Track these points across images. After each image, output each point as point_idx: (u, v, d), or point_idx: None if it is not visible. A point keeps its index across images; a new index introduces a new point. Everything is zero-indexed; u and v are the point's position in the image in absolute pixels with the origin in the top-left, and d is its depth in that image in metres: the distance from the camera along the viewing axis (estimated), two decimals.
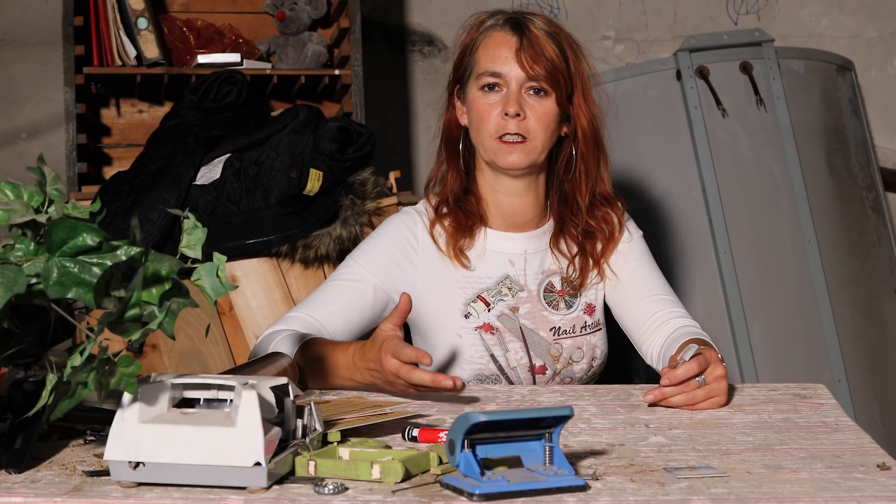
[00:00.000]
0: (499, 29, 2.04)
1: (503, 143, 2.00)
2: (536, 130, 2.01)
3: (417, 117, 3.91)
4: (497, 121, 2.00)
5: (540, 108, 2.01)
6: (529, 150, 2.01)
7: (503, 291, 2.07)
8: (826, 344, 3.24)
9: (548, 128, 2.02)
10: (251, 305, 2.85)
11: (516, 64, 2.00)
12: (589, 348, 2.10)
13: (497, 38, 2.03)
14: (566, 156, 2.08)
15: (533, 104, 2.01)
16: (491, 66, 2.01)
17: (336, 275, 2.07)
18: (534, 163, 2.03)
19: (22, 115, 3.64)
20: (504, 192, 2.08)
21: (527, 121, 2.00)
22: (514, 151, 2.01)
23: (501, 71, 2.01)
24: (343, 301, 2.01)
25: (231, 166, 2.91)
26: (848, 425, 1.59)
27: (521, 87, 2.00)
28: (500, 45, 2.02)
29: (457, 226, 2.07)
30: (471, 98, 2.04)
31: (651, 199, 3.25)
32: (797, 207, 3.29)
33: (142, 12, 3.21)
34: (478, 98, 2.03)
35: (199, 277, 1.36)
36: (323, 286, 2.07)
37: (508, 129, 2.00)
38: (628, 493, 1.25)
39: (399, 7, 3.89)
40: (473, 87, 2.04)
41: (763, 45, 3.37)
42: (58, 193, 1.37)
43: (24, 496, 1.24)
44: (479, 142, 2.05)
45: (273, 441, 1.27)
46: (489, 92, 2.02)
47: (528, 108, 2.00)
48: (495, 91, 2.02)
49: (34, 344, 1.37)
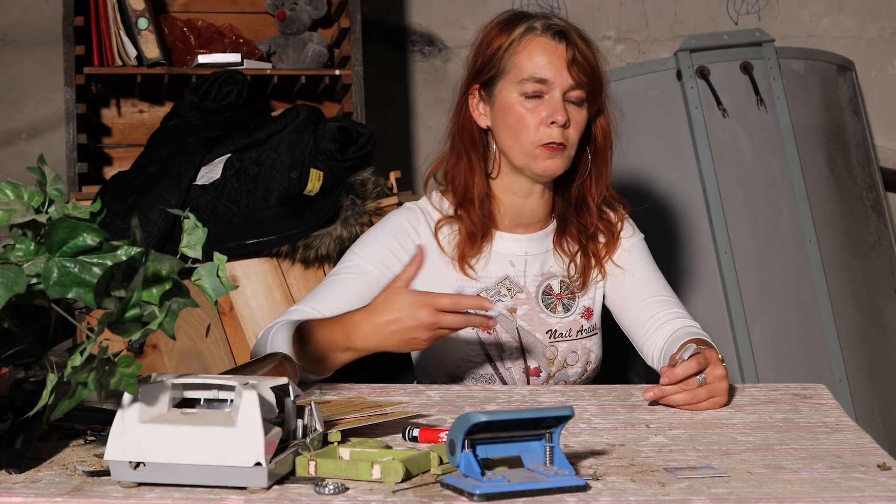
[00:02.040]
0: (540, 34, 1.99)
1: (545, 148, 1.98)
2: (574, 139, 2.00)
3: (417, 117, 3.91)
4: (541, 129, 1.97)
5: (579, 117, 2.00)
6: (566, 157, 2.00)
7: (502, 292, 2.07)
8: (826, 344, 3.24)
9: (580, 136, 2.02)
10: (251, 305, 2.85)
11: (566, 72, 1.97)
12: (584, 352, 2.09)
13: (542, 44, 1.99)
14: (583, 161, 2.07)
15: (573, 113, 1.99)
16: (537, 73, 1.97)
17: (337, 269, 2.07)
18: (565, 169, 2.02)
19: (22, 115, 3.65)
20: (520, 193, 2.06)
21: (569, 130, 1.99)
22: (552, 157, 1.98)
23: (548, 77, 1.97)
24: (346, 293, 2.00)
25: (231, 166, 2.91)
26: (848, 425, 1.59)
27: (564, 96, 1.98)
28: (545, 51, 1.98)
29: (468, 237, 2.06)
30: (507, 102, 2.00)
31: (651, 199, 3.25)
32: (797, 207, 3.29)
33: (142, 12, 3.21)
34: (517, 103, 1.99)
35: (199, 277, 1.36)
36: (325, 281, 2.06)
37: (553, 138, 1.97)
38: (629, 493, 1.25)
39: (399, 7, 3.89)
40: (511, 91, 2.00)
41: (763, 45, 3.37)
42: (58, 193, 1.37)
43: (25, 496, 1.24)
44: (513, 146, 2.01)
45: (273, 441, 1.27)
46: (531, 99, 1.99)
47: (569, 117, 1.99)
48: (536, 98, 1.98)
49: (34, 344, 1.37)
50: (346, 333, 1.83)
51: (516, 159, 2.02)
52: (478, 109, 2.06)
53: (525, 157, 2.00)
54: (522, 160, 2.01)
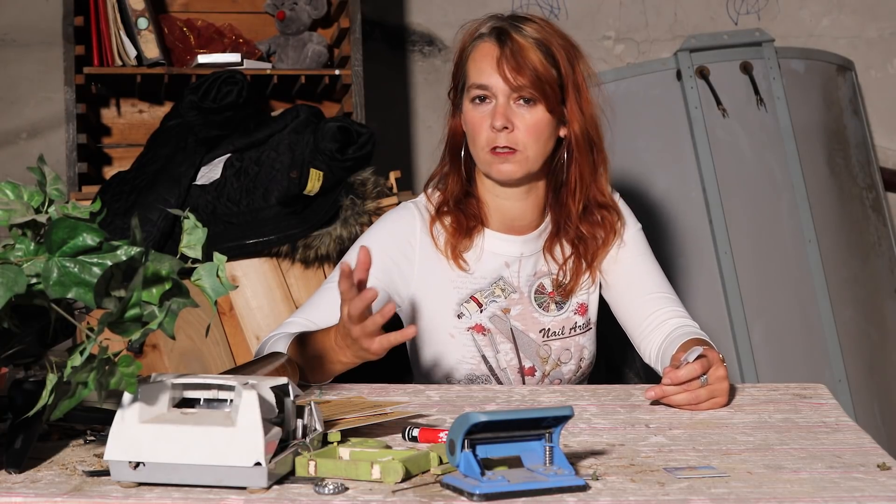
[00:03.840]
0: (485, 39, 2.01)
1: (495, 154, 1.99)
2: (527, 142, 1.99)
3: (417, 117, 3.91)
4: (487, 133, 1.99)
5: (530, 117, 1.98)
6: (521, 160, 1.99)
7: (496, 292, 2.07)
8: (826, 344, 3.24)
9: (539, 137, 1.99)
10: (251, 305, 2.85)
11: (498, 75, 1.98)
12: (577, 349, 2.09)
13: (483, 50, 2.01)
14: (562, 160, 2.07)
15: (523, 114, 1.98)
16: (478, 79, 2.00)
17: (333, 276, 2.06)
18: (528, 172, 2.01)
19: (22, 115, 3.64)
20: (504, 197, 2.07)
21: (515, 133, 1.98)
22: (506, 162, 1.99)
23: (487, 83, 1.99)
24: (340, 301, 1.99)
25: (231, 166, 2.91)
26: (848, 425, 1.59)
27: (509, 98, 1.98)
28: (485, 56, 2.00)
29: (457, 227, 2.07)
30: (465, 110, 2.03)
31: (651, 199, 3.25)
32: (797, 207, 3.29)
33: (142, 12, 3.21)
34: (469, 110, 2.02)
35: (199, 277, 1.36)
36: (321, 288, 2.06)
37: (498, 143, 1.98)
38: (628, 493, 1.25)
39: (399, 7, 3.89)
40: (466, 98, 2.03)
41: (763, 45, 3.37)
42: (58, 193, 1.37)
43: (25, 496, 1.24)
44: (474, 153, 2.03)
45: (273, 441, 1.27)
46: (479, 104, 2.00)
47: (517, 119, 1.98)
48: (485, 103, 1.99)
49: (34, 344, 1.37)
50: (328, 350, 1.81)
51: (480, 165, 2.04)
52: (459, 117, 2.08)
53: (483, 163, 2.03)
54: (483, 166, 2.03)
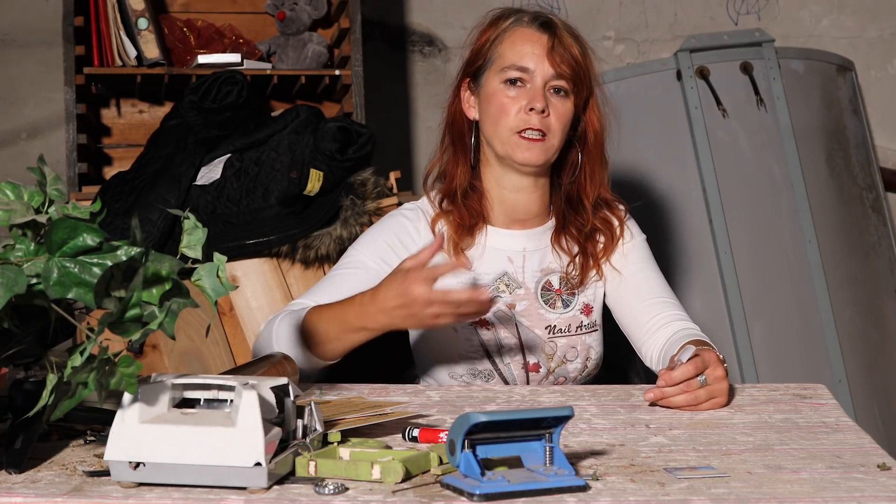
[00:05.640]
0: (526, 25, 2.04)
1: (523, 138, 2.00)
2: (556, 129, 2.02)
3: (417, 117, 3.91)
4: (519, 115, 2.00)
5: (561, 107, 2.02)
6: (547, 147, 2.01)
7: (500, 288, 2.07)
8: (826, 344, 3.24)
9: (565, 128, 2.03)
10: (251, 305, 2.85)
11: (546, 61, 2.00)
12: (583, 348, 2.10)
13: (525, 34, 2.03)
14: (573, 158, 2.09)
15: (555, 103, 2.01)
16: (518, 61, 2.01)
17: (338, 266, 2.07)
18: (548, 161, 2.04)
19: (22, 115, 3.65)
20: (510, 187, 2.08)
21: (549, 118, 2.00)
22: (532, 148, 2.00)
23: (529, 66, 2.00)
24: (347, 287, 1.99)
25: (231, 166, 2.91)
26: (848, 425, 1.59)
27: (545, 85, 2.01)
28: (529, 40, 2.02)
29: (460, 224, 2.07)
30: (490, 90, 2.04)
31: (651, 199, 3.25)
32: (797, 207, 3.29)
33: (142, 12, 3.21)
34: (499, 91, 2.02)
35: (199, 277, 1.36)
36: (326, 277, 2.07)
37: (531, 125, 1.99)
38: (628, 493, 1.25)
39: (399, 7, 3.89)
40: (494, 79, 2.03)
41: (763, 45, 3.37)
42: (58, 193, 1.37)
43: (25, 496, 1.24)
44: (494, 135, 2.03)
45: (273, 441, 1.27)
46: (511, 86, 2.02)
47: (550, 106, 2.01)
48: (517, 86, 2.01)
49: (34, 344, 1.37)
50: (358, 314, 1.85)
51: (497, 148, 2.04)
52: (468, 102, 2.09)
53: (504, 146, 2.02)
54: (502, 149, 2.03)
